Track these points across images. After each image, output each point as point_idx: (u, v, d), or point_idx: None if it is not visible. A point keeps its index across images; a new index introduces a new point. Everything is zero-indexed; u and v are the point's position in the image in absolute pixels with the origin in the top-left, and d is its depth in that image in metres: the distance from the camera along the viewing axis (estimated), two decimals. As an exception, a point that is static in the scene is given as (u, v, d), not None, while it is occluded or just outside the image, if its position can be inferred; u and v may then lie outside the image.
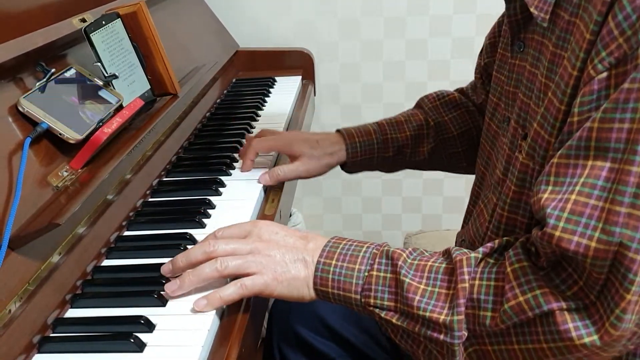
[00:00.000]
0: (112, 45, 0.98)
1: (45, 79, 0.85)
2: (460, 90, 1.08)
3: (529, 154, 0.69)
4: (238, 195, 0.99)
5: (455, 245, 0.94)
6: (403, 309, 0.68)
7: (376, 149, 1.04)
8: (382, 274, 0.70)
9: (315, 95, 1.73)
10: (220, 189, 1.00)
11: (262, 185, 1.01)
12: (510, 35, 0.77)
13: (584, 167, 0.59)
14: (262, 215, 0.95)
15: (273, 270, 0.72)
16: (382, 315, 0.70)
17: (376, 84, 1.83)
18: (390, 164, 1.07)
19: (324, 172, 1.05)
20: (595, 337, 0.58)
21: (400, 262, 0.69)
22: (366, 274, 0.70)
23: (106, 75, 0.95)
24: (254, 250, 0.73)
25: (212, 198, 0.96)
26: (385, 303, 0.69)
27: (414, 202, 1.95)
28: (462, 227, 0.92)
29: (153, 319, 0.69)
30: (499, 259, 0.68)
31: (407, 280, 0.68)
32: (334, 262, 0.72)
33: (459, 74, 1.77)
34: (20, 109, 0.80)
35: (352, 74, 1.82)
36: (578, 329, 0.59)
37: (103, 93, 0.93)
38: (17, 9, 0.89)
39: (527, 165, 0.70)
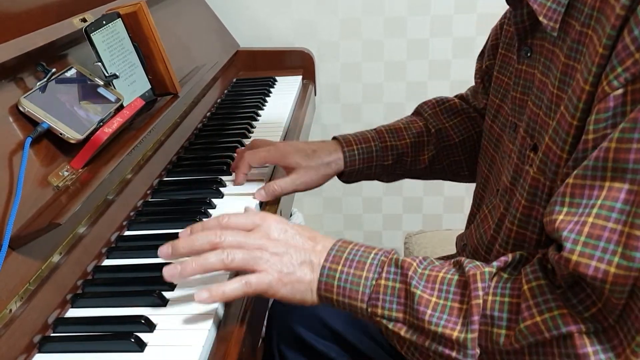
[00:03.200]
0: (113, 45, 0.98)
1: (45, 79, 0.85)
2: (460, 97, 1.06)
3: (540, 169, 0.67)
4: (239, 194, 0.99)
5: (457, 250, 0.94)
6: (413, 322, 0.66)
7: (375, 156, 1.01)
8: (390, 284, 0.67)
9: (315, 95, 1.73)
10: (221, 189, 1.00)
11: (263, 183, 1.01)
12: (517, 41, 0.75)
13: (601, 189, 0.56)
14: (263, 215, 0.95)
15: (279, 270, 0.69)
16: (390, 326, 0.67)
17: (377, 84, 1.83)
18: (389, 173, 1.04)
19: (322, 183, 1.01)
20: None
21: (410, 272, 0.67)
22: (374, 282, 0.68)
23: (107, 75, 0.95)
24: (262, 247, 0.70)
25: (212, 198, 0.96)
26: (394, 314, 0.67)
27: (415, 202, 1.95)
28: (465, 229, 0.91)
29: (154, 319, 0.69)
30: (513, 273, 0.66)
31: (418, 292, 0.65)
32: (340, 267, 0.69)
33: (460, 73, 1.77)
34: (20, 108, 0.80)
35: (353, 74, 1.82)
36: (597, 354, 0.57)
37: (104, 93, 0.93)
38: (18, 8, 0.89)
39: (538, 180, 0.68)
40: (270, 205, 0.98)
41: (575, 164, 0.61)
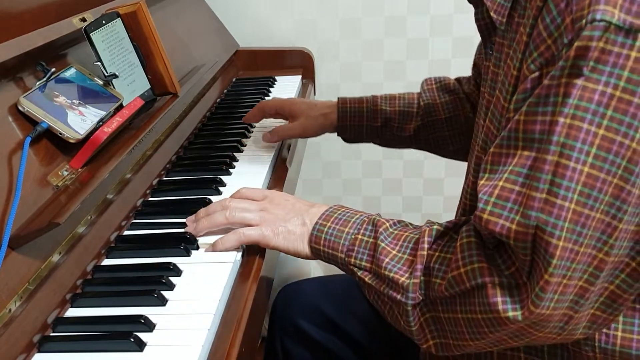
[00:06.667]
0: (112, 45, 0.98)
1: (45, 79, 0.85)
2: (457, 79, 1.14)
3: (482, 147, 0.74)
4: (238, 194, 0.99)
5: None
6: (375, 270, 0.74)
7: (365, 117, 1.12)
8: (365, 238, 0.77)
9: (315, 94, 1.73)
10: (221, 189, 1.00)
11: (262, 184, 1.02)
12: (482, 39, 0.81)
13: (513, 157, 0.63)
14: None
15: (272, 224, 0.81)
16: (359, 274, 0.76)
17: (377, 84, 1.83)
18: (380, 135, 1.14)
19: (319, 132, 1.16)
20: (518, 312, 0.62)
21: (381, 229, 0.76)
22: (352, 237, 0.77)
23: (106, 74, 0.95)
24: (262, 208, 0.83)
25: (212, 197, 0.96)
26: (363, 264, 0.76)
27: (415, 201, 1.95)
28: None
29: (153, 319, 0.69)
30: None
31: (383, 245, 0.74)
32: (328, 224, 0.80)
33: (460, 73, 1.74)
34: (20, 108, 0.80)
35: (353, 74, 1.82)
36: (505, 303, 0.63)
37: (103, 92, 0.93)
38: (17, 8, 0.89)
39: (480, 158, 0.74)
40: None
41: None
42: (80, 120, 0.85)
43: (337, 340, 1.01)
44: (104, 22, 0.97)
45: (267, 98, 1.48)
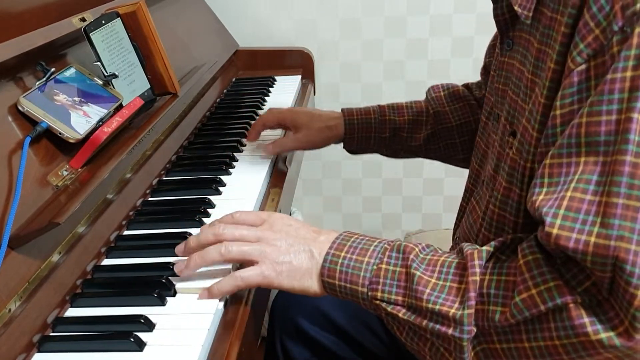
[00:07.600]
0: (112, 45, 0.98)
1: (45, 78, 0.85)
2: (466, 85, 1.11)
3: (519, 150, 0.69)
4: (238, 194, 0.99)
5: (452, 244, 0.95)
6: (411, 303, 0.66)
7: (373, 128, 1.08)
8: (391, 268, 0.68)
9: (315, 94, 1.73)
10: (220, 188, 1.00)
11: (262, 184, 1.01)
12: (499, 34, 0.78)
13: (577, 165, 0.57)
14: (262, 214, 0.95)
15: (273, 260, 0.71)
16: (389, 309, 0.67)
17: (376, 84, 1.83)
18: (388, 146, 1.10)
19: (324, 144, 1.10)
20: (611, 333, 0.55)
21: (412, 256, 0.67)
22: (375, 267, 0.68)
23: (106, 74, 0.95)
24: (262, 238, 0.73)
25: (212, 197, 0.96)
26: (393, 297, 0.67)
27: (414, 201, 1.96)
28: (456, 224, 0.92)
29: (153, 318, 0.69)
30: (510, 255, 0.66)
31: (418, 273, 0.66)
32: (343, 254, 0.70)
33: (459, 73, 1.77)
34: (20, 108, 0.80)
35: (353, 74, 1.82)
36: (594, 324, 0.55)
37: (103, 92, 0.93)
38: (17, 8, 0.89)
39: (515, 161, 0.69)
40: (269, 202, 0.98)
41: (546, 141, 0.62)
42: (80, 120, 0.85)
43: (337, 340, 1.01)
44: (103, 22, 0.97)
45: (266, 98, 1.48)
